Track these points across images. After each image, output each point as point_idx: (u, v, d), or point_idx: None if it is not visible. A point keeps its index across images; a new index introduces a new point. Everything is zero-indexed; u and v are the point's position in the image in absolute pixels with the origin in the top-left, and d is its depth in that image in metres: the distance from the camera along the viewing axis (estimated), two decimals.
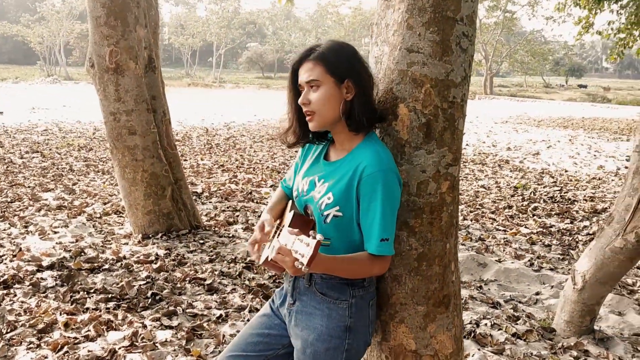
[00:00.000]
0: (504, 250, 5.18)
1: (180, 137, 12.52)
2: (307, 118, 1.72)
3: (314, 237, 1.41)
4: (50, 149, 10.37)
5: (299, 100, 1.71)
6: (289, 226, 1.71)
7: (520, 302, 4.09)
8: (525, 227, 6.05)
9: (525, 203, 7.20)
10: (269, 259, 1.75)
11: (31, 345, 3.14)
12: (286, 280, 1.86)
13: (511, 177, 9.24)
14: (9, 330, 3.29)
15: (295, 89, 1.75)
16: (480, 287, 4.31)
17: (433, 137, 1.73)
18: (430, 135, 1.72)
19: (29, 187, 7.11)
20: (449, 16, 1.69)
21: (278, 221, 1.93)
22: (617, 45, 14.79)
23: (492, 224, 6.14)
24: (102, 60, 4.84)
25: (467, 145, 13.14)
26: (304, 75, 1.70)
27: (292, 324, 1.80)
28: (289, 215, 1.79)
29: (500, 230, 5.90)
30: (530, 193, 7.88)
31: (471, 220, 6.24)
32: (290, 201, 1.91)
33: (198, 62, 60.59)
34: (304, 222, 1.74)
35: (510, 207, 6.98)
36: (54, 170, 8.28)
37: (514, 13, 44.43)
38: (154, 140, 5.12)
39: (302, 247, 1.42)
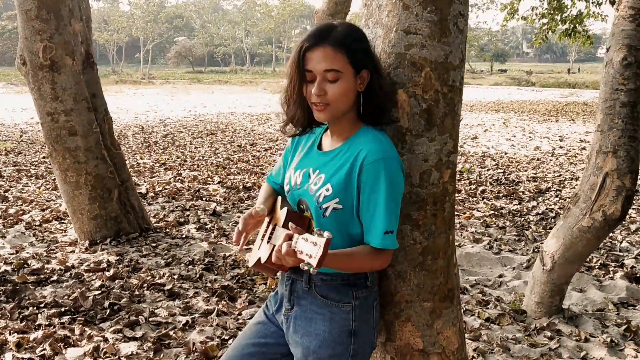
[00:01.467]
0: (461, 235, 5.21)
1: (115, 137, 12.01)
2: (316, 108, 1.54)
3: (321, 235, 1.28)
4: None
5: (314, 91, 1.51)
6: (283, 225, 1.58)
7: (486, 286, 4.11)
8: (478, 211, 6.12)
9: (473, 187, 7.31)
10: (263, 261, 1.61)
11: None
12: (282, 284, 1.72)
13: None
14: None
15: (301, 74, 1.53)
16: None
17: (434, 123, 1.63)
18: (431, 122, 1.63)
19: None
20: None
21: (267, 219, 1.79)
22: (541, 30, 15.34)
23: None
24: (35, 57, 4.50)
25: None
26: (320, 63, 1.49)
27: (290, 331, 1.66)
28: (281, 213, 1.65)
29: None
30: (476, 176, 8.01)
31: None
32: (280, 198, 1.77)
33: (124, 58, 58.64)
34: (298, 219, 1.60)
35: (459, 191, 7.06)
36: None
37: None
38: (96, 140, 4.82)
39: (309, 246, 1.29)
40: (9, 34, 52.86)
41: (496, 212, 6.01)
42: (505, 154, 10.29)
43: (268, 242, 1.65)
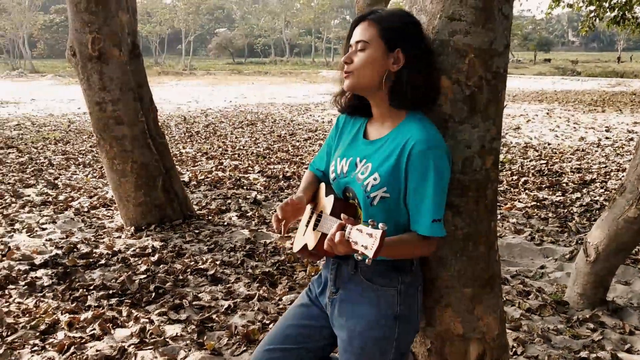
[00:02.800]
0: (502, 226, 5.16)
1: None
2: (344, 76, 1.61)
3: (376, 227, 1.31)
4: (25, 144, 10.05)
5: (342, 59, 1.61)
6: (330, 213, 1.61)
7: (527, 276, 4.07)
8: (519, 202, 6.04)
9: (514, 177, 7.20)
10: (310, 248, 1.64)
11: (35, 348, 3.00)
12: (326, 268, 1.76)
13: None
14: (9, 333, 3.14)
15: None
16: None
17: (478, 110, 1.64)
18: (475, 109, 1.63)
19: (8, 183, 6.86)
20: None
21: (311, 206, 1.83)
22: (588, 18, 14.91)
23: None
24: (84, 48, 4.64)
25: None
26: (356, 35, 1.60)
27: (335, 314, 1.70)
28: (327, 201, 1.68)
29: None
30: (518, 167, 7.89)
31: None
32: (323, 185, 1.80)
33: (167, 50, 59.58)
34: (345, 207, 1.64)
35: (500, 182, 6.97)
36: (33, 165, 8.01)
37: None
38: (142, 129, 4.95)
39: (364, 237, 1.31)
40: (57, 27, 54.34)
41: (538, 204, 5.91)
42: (549, 144, 10.09)
43: (314, 229, 1.68)
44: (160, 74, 41.12)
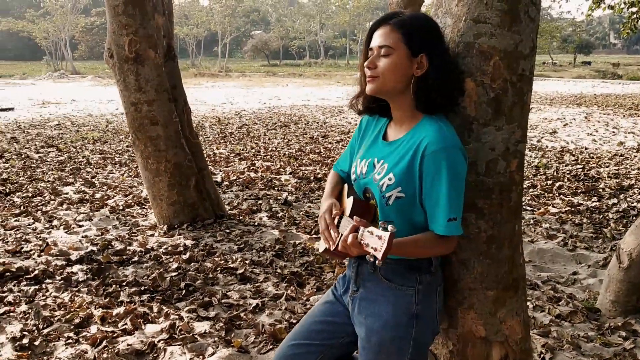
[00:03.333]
0: (534, 231, 5.09)
1: (193, 127, 12.44)
2: (367, 80, 1.63)
3: (386, 229, 1.33)
4: (65, 143, 10.33)
5: (366, 64, 1.62)
6: (350, 214, 1.63)
7: (558, 282, 4.00)
8: (553, 207, 5.94)
9: (549, 182, 7.08)
10: (331, 249, 1.67)
11: (70, 341, 3.09)
12: (349, 267, 1.78)
13: (531, 156, 9.11)
14: (45, 326, 3.25)
15: (367, 52, 1.66)
16: None
17: (502, 112, 1.63)
18: (499, 111, 1.63)
19: (48, 181, 7.07)
20: None
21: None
22: (630, 20, 14.54)
23: None
24: (122, 50, 4.76)
25: None
26: (377, 39, 1.61)
27: (355, 312, 1.72)
28: (348, 202, 1.70)
29: (527, 210, 5.80)
30: (553, 172, 7.76)
31: None
32: (346, 185, 1.82)
33: (203, 52, 60.37)
34: (364, 208, 1.65)
35: (534, 186, 6.87)
36: (72, 164, 8.23)
37: None
38: (176, 130, 5.05)
39: (374, 240, 1.34)
40: (97, 29, 55.63)
41: (573, 209, 5.81)
42: (586, 149, 9.88)
43: (336, 230, 1.71)
44: (196, 76, 41.70)
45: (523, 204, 6.02)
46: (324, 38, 70.39)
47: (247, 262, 4.22)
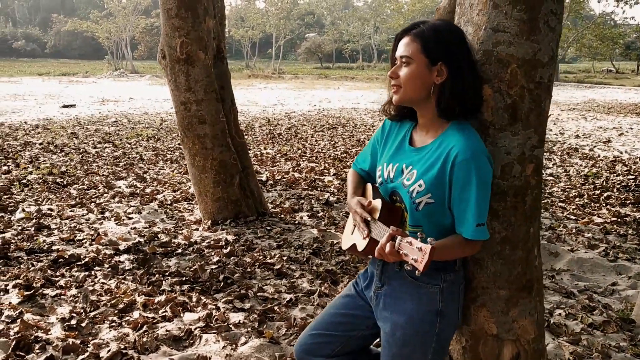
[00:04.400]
0: (576, 240, 5.02)
1: (243, 127, 12.72)
2: (393, 90, 1.72)
3: (424, 240, 1.40)
4: (120, 139, 10.76)
5: (389, 74, 1.71)
6: (379, 217, 1.70)
7: (595, 292, 3.96)
8: (599, 217, 5.83)
9: (597, 192, 6.94)
10: (360, 249, 1.74)
11: (113, 324, 3.29)
12: (373, 264, 1.86)
13: (581, 165, 8.92)
14: (92, 310, 3.46)
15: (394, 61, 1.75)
16: (553, 276, 4.20)
17: (519, 118, 1.69)
18: (515, 117, 1.69)
19: (103, 175, 7.41)
20: None
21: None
22: None
23: (562, 212, 5.96)
24: (173, 52, 4.97)
25: None
26: (400, 49, 1.69)
27: (380, 307, 1.80)
28: (376, 204, 1.76)
29: (571, 219, 5.72)
30: (603, 182, 7.58)
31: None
32: (370, 186, 1.89)
33: (258, 53, 61.20)
34: (392, 211, 1.73)
35: (581, 195, 6.75)
36: (126, 160, 8.59)
37: None
38: (222, 129, 5.23)
39: (414, 250, 1.42)
40: (157, 30, 57.21)
41: (619, 219, 5.69)
42: None
43: (364, 231, 1.77)
44: (250, 77, 42.36)
45: (567, 213, 5.95)
46: (378, 41, 70.19)
47: (284, 258, 4.35)
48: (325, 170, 7.98)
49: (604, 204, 6.37)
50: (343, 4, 76.84)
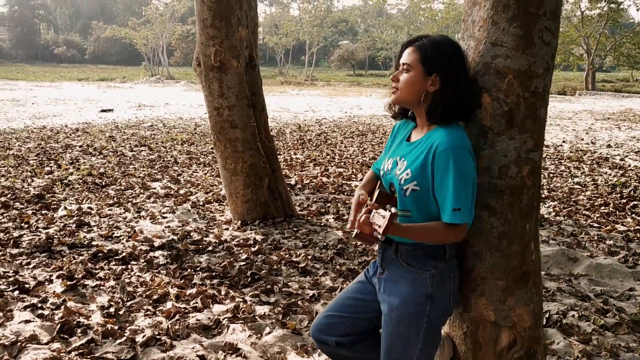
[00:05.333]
0: (597, 247, 5.10)
1: (274, 133, 13.01)
2: (392, 91, 1.94)
3: (389, 210, 1.62)
4: (156, 143, 11.15)
5: (391, 76, 1.93)
6: (375, 202, 1.92)
7: (611, 296, 4.06)
8: (622, 225, 5.88)
9: (623, 201, 6.97)
10: (350, 229, 1.97)
11: (148, 312, 3.54)
12: (377, 253, 2.07)
13: (610, 174, 8.91)
14: (128, 299, 3.73)
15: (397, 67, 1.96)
16: (570, 280, 4.31)
17: (515, 124, 1.87)
18: (512, 123, 1.87)
19: (139, 177, 7.75)
20: (532, 12, 1.83)
21: (368, 198, 2.14)
22: None
23: (586, 220, 6.03)
24: (208, 59, 5.25)
25: (563, 142, 12.73)
26: (403, 57, 1.91)
27: (381, 291, 2.00)
28: (375, 193, 1.99)
29: (594, 227, 5.79)
30: (630, 191, 7.59)
31: (564, 216, 6.15)
32: (379, 181, 2.11)
33: (291, 60, 61.78)
34: (387, 198, 1.94)
35: (607, 204, 6.79)
36: (161, 162, 8.94)
37: (620, 4, 41.86)
38: (253, 133, 5.48)
39: (379, 219, 1.64)
40: (192, 37, 58.31)
41: None
42: None
43: None
44: (283, 84, 42.86)
45: (591, 221, 6.02)
46: None
47: (309, 257, 4.56)
48: (352, 176, 8.17)
49: (629, 213, 6.41)
50: (377, 12, 76.92)
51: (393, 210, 1.60)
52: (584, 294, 4.03)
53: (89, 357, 3.01)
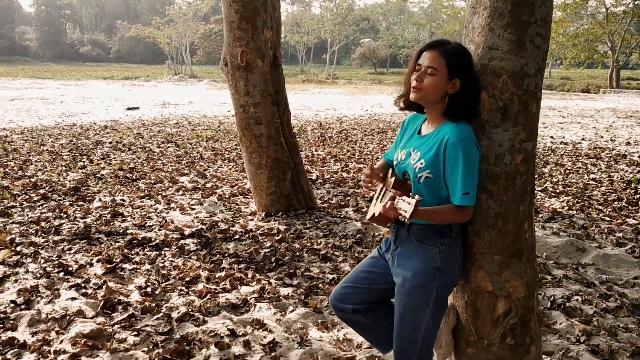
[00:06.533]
0: (606, 238, 5.31)
1: (296, 130, 13.32)
2: (413, 90, 2.17)
3: (414, 197, 1.90)
4: (182, 140, 11.54)
5: (414, 77, 2.16)
6: (391, 189, 2.20)
7: (615, 284, 4.27)
8: (634, 219, 6.07)
9: (637, 196, 7.13)
10: (376, 215, 2.25)
11: (182, 292, 3.87)
12: (391, 232, 2.35)
13: (627, 171, 9.05)
14: (163, 281, 4.06)
15: (414, 66, 2.20)
16: (577, 268, 4.53)
17: (509, 118, 2.14)
18: (506, 117, 2.13)
19: (167, 171, 8.12)
20: (524, 19, 2.09)
21: (381, 186, 2.42)
22: None
23: (597, 214, 6.22)
24: (235, 60, 5.57)
25: (582, 139, 12.83)
26: (427, 60, 2.14)
27: (394, 265, 2.28)
28: (390, 181, 2.27)
29: (605, 220, 5.99)
30: None
31: (576, 210, 6.35)
32: (391, 169, 2.39)
33: (312, 58, 62.19)
34: (402, 185, 2.22)
35: (620, 199, 6.96)
36: (187, 158, 9.31)
37: None
38: (276, 129, 5.79)
39: (405, 205, 1.92)
40: (215, 35, 58.99)
41: None
42: None
43: (380, 202, 2.28)
44: (304, 82, 43.17)
45: (603, 215, 6.21)
46: None
47: (329, 245, 4.86)
48: None
49: None
50: (398, 10, 76.84)
51: (418, 197, 1.88)
52: (589, 281, 4.26)
53: (130, 329, 3.35)
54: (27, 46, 75.07)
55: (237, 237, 5.10)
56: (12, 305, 3.62)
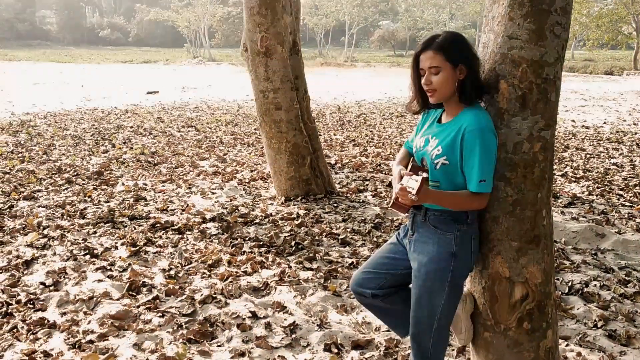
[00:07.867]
0: (626, 224, 5.29)
1: (314, 114, 13.34)
2: (429, 94, 2.21)
3: (421, 175, 1.95)
4: (202, 124, 11.64)
5: (423, 82, 2.19)
6: (408, 173, 2.24)
7: (635, 269, 4.28)
8: None
9: None
10: (393, 199, 2.30)
11: (204, 275, 3.96)
12: (409, 218, 2.39)
13: None
14: (186, 264, 4.16)
15: (417, 71, 2.24)
16: (596, 254, 4.54)
17: (528, 106, 2.16)
18: (525, 105, 2.15)
19: (188, 156, 8.22)
20: (544, 9, 2.10)
21: (403, 172, 2.47)
22: None
23: (618, 199, 6.19)
24: (254, 45, 5.60)
25: (604, 123, 12.68)
26: (426, 62, 2.17)
27: (411, 250, 2.33)
28: (409, 166, 2.32)
29: (626, 205, 5.96)
30: None
31: (597, 195, 6.32)
32: (412, 156, 2.43)
33: (331, 41, 61.82)
34: (419, 170, 2.26)
35: None
36: (207, 142, 9.40)
37: None
38: (296, 115, 5.83)
39: (413, 182, 1.98)
40: (233, 19, 58.89)
41: None
42: None
43: None
44: (322, 65, 43.03)
45: (623, 200, 6.18)
46: (453, 28, 69.07)
47: (348, 230, 4.91)
48: (390, 155, 8.46)
49: None
50: None
51: (424, 174, 1.93)
52: (607, 267, 4.27)
53: (155, 311, 3.45)
54: (48, 30, 75.66)
55: (257, 221, 5.18)
56: (41, 286, 3.74)
